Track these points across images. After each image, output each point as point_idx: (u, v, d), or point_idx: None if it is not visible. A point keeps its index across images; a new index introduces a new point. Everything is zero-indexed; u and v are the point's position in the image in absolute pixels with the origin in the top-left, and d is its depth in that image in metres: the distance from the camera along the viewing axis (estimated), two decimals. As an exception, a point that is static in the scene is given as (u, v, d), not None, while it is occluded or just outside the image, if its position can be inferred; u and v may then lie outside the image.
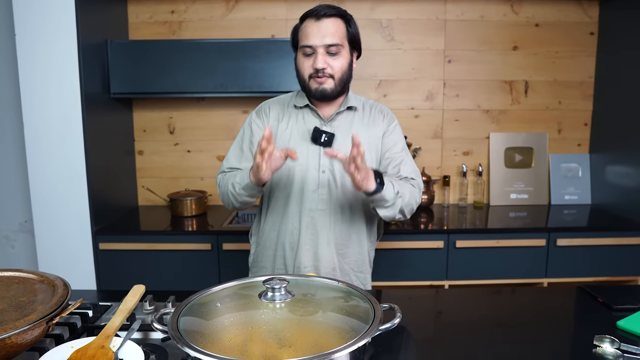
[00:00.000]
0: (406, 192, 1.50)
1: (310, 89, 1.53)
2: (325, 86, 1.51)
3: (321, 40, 1.47)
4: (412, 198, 1.52)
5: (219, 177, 1.65)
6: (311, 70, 1.50)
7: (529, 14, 2.81)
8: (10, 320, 0.95)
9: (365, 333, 0.84)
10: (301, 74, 1.54)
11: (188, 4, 2.76)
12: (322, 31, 1.47)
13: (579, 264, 2.41)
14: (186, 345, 0.80)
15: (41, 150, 2.29)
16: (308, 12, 1.51)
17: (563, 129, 2.93)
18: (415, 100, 2.87)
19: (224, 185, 1.57)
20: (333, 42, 1.48)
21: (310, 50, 1.49)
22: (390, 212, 1.49)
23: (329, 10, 1.48)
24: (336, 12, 1.49)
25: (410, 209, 1.54)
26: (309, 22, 1.49)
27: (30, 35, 2.21)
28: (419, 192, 1.57)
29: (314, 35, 1.47)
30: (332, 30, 1.48)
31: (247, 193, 1.49)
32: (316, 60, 1.48)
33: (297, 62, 1.56)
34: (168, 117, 2.86)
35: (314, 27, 1.48)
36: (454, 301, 1.46)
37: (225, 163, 1.65)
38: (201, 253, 2.36)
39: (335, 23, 1.49)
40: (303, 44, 1.50)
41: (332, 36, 1.48)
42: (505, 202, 2.89)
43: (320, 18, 1.47)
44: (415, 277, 2.40)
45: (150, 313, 1.22)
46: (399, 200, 1.47)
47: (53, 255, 2.35)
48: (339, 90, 1.54)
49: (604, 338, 1.08)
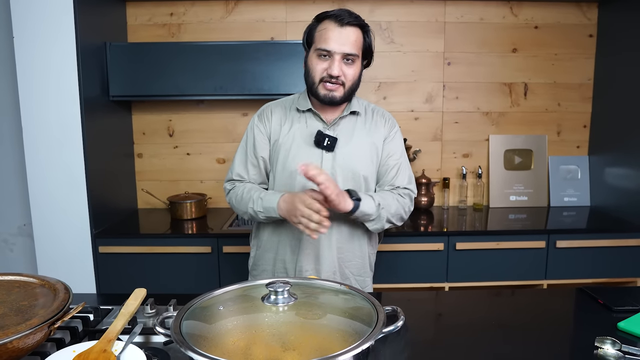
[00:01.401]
0: (391, 203, 1.54)
1: (318, 94, 1.52)
2: (335, 94, 1.51)
3: (341, 48, 1.46)
4: (399, 208, 1.57)
5: (227, 185, 1.67)
6: (324, 74, 1.50)
7: (528, 16, 2.82)
8: (11, 324, 0.95)
9: (369, 336, 0.84)
10: (312, 76, 1.53)
11: (187, 7, 2.76)
12: (343, 39, 1.46)
13: (579, 266, 2.41)
14: (189, 349, 0.80)
15: (40, 153, 2.29)
16: (329, 14, 1.49)
17: (562, 131, 2.93)
18: (414, 103, 2.88)
19: (240, 204, 1.59)
20: (352, 51, 1.48)
21: (327, 54, 1.48)
22: (378, 224, 1.54)
23: (352, 20, 1.47)
24: (358, 23, 1.49)
25: (399, 218, 1.58)
26: (330, 26, 1.47)
27: (28, 37, 2.21)
28: (409, 201, 1.61)
29: (334, 40, 1.46)
30: (353, 39, 1.48)
31: (269, 220, 1.56)
32: (332, 67, 1.48)
33: (310, 62, 1.54)
34: (167, 120, 2.86)
35: (336, 32, 1.46)
36: (454, 303, 1.46)
37: (232, 169, 1.66)
38: (201, 256, 2.36)
39: (356, 33, 1.49)
40: (321, 47, 1.48)
41: (352, 46, 1.47)
42: (505, 204, 2.89)
43: (343, 25, 1.46)
44: (415, 279, 2.40)
45: (151, 317, 1.21)
46: (383, 211, 1.52)
47: (52, 258, 2.35)
48: (347, 98, 1.55)
49: (605, 339, 1.08)
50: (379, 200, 1.51)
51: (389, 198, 1.55)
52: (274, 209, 1.49)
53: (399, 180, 1.61)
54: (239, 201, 1.59)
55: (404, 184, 1.61)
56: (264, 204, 1.51)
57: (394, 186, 1.60)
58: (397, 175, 1.61)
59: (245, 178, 1.63)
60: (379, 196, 1.52)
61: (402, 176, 1.61)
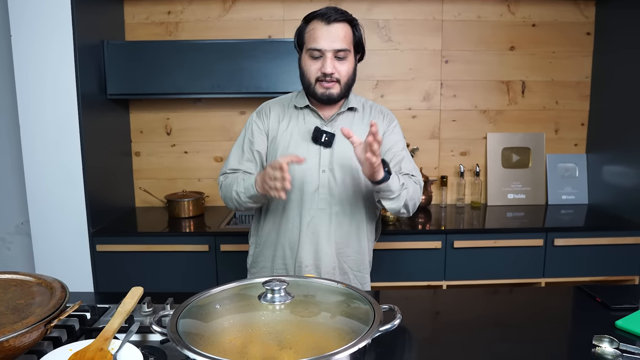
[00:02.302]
0: (410, 186, 1.52)
1: (315, 93, 1.53)
2: (332, 91, 1.52)
3: (330, 45, 1.47)
4: (415, 193, 1.54)
5: (220, 178, 1.66)
6: (318, 73, 1.51)
7: (525, 14, 2.82)
8: (8, 323, 0.94)
9: (366, 334, 0.84)
10: (307, 77, 1.54)
11: (184, 5, 2.76)
12: (332, 36, 1.47)
13: (576, 264, 2.42)
14: (186, 347, 0.80)
15: (37, 151, 2.28)
16: (316, 14, 1.50)
17: (560, 129, 2.94)
18: (412, 101, 2.88)
19: (227, 189, 1.59)
20: (342, 47, 1.48)
21: (318, 53, 1.49)
22: (396, 204, 1.49)
23: (339, 16, 1.48)
24: (345, 18, 1.50)
25: (413, 204, 1.55)
26: (318, 25, 1.49)
27: (26, 36, 2.20)
28: (420, 189, 1.60)
29: (323, 39, 1.47)
30: (342, 35, 1.48)
31: (253, 201, 1.53)
32: (325, 65, 1.48)
33: (303, 63, 1.55)
34: (165, 118, 2.85)
35: (324, 30, 1.47)
36: (452, 301, 1.46)
37: (227, 164, 1.66)
38: (199, 254, 2.35)
39: (344, 28, 1.49)
40: (312, 47, 1.49)
41: (342, 41, 1.48)
42: (503, 202, 2.89)
43: (330, 22, 1.47)
44: (413, 278, 2.40)
45: (148, 315, 1.21)
46: (404, 192, 1.49)
47: (50, 257, 2.34)
48: (344, 94, 1.56)
49: (603, 338, 1.08)
50: (403, 180, 1.50)
51: (409, 181, 1.54)
52: (251, 185, 1.48)
53: (404, 168, 1.60)
54: (227, 188, 1.59)
55: (412, 173, 1.60)
56: (244, 184, 1.52)
57: (402, 173, 1.58)
58: (401, 164, 1.60)
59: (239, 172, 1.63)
60: (402, 177, 1.52)
61: (405, 165, 1.60)
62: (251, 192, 1.49)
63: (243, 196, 1.52)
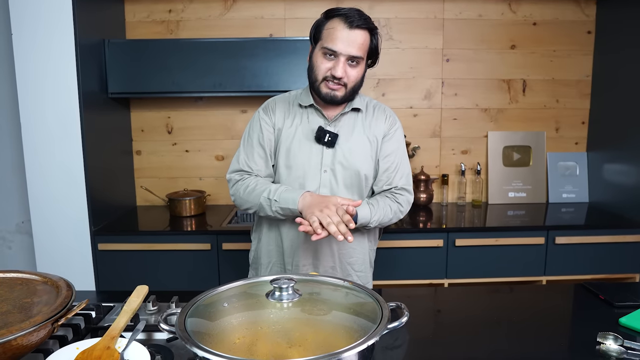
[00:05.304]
0: (387, 209, 1.57)
1: (320, 91, 1.52)
2: (337, 93, 1.51)
3: (347, 50, 1.45)
4: (395, 214, 1.60)
5: (233, 176, 1.62)
6: (327, 73, 1.49)
7: (526, 13, 2.82)
8: (15, 321, 0.94)
9: (374, 332, 0.84)
10: (315, 73, 1.52)
11: (185, 3, 2.75)
12: (351, 41, 1.45)
13: (578, 262, 2.42)
14: (196, 345, 0.80)
15: (39, 150, 2.28)
16: (339, 13, 1.47)
17: (561, 128, 2.94)
18: (413, 100, 2.88)
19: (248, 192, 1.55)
20: (357, 54, 1.47)
21: (332, 53, 1.47)
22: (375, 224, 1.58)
23: (362, 22, 1.46)
24: (367, 26, 1.47)
25: (396, 218, 1.62)
26: (339, 26, 1.45)
27: (27, 34, 2.20)
28: (405, 204, 1.63)
29: (341, 41, 1.45)
30: (360, 42, 1.46)
31: (283, 214, 1.51)
32: (336, 68, 1.46)
33: (314, 58, 1.53)
34: (166, 117, 2.85)
35: (344, 33, 1.45)
36: (453, 299, 1.47)
37: (238, 161, 1.62)
38: (200, 253, 2.35)
39: (364, 36, 1.47)
40: (327, 46, 1.46)
41: (358, 48, 1.47)
42: (504, 200, 2.90)
43: (352, 28, 1.45)
44: (414, 276, 2.40)
45: (153, 313, 1.21)
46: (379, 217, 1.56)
47: (51, 256, 2.34)
48: (348, 97, 1.55)
49: (608, 335, 1.09)
50: (376, 210, 1.55)
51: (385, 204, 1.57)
52: (293, 199, 1.46)
53: (396, 180, 1.61)
54: (250, 192, 1.54)
55: (401, 184, 1.61)
56: (284, 195, 1.48)
57: (390, 186, 1.61)
58: (394, 176, 1.61)
59: (253, 169, 1.60)
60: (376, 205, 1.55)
61: (398, 176, 1.62)
62: (289, 206, 1.46)
63: (275, 205, 1.49)
